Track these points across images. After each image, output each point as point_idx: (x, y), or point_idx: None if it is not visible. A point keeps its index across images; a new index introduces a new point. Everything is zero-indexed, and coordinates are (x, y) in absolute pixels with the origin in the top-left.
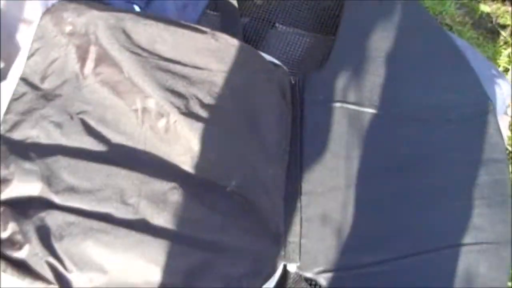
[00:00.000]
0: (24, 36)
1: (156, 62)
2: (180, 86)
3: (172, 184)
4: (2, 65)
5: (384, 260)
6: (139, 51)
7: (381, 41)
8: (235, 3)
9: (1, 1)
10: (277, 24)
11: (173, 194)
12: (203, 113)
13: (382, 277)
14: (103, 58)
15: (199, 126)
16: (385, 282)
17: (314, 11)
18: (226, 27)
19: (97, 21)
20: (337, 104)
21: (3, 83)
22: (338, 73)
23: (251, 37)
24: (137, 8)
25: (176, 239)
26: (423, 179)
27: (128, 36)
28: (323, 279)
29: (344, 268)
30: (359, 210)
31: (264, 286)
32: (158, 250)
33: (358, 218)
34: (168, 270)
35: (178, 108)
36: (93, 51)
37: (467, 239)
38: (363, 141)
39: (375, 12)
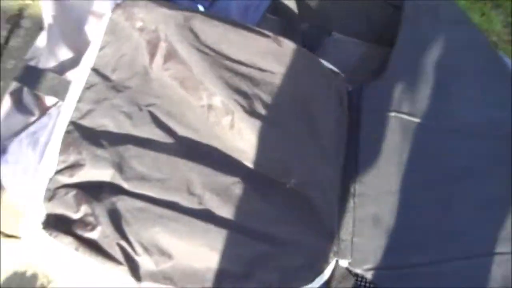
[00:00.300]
0: (93, 28)
1: (222, 62)
2: (245, 86)
3: (235, 179)
4: (71, 55)
5: (430, 262)
6: (206, 50)
7: (435, 56)
8: (294, 8)
9: None
10: (333, 32)
11: (236, 188)
12: (266, 113)
13: (427, 278)
14: (172, 54)
15: (262, 125)
16: (430, 282)
17: (369, 22)
18: (286, 32)
19: (166, 19)
20: (392, 114)
21: (74, 71)
22: (394, 84)
23: (309, 43)
24: (201, 8)
25: (238, 230)
26: (469, 189)
27: (196, 35)
28: (371, 276)
29: (392, 267)
30: (408, 213)
31: (316, 279)
32: (221, 239)
33: (407, 221)
34: (229, 258)
35: (242, 106)
36: (162, 47)
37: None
38: (414, 150)
39: (431, 27)
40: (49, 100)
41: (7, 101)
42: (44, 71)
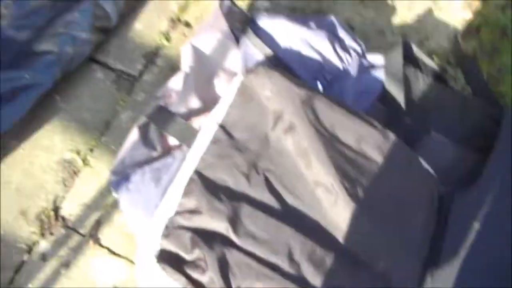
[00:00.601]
0: (222, 83)
1: (334, 144)
2: (351, 171)
3: (330, 253)
4: (199, 104)
5: None
6: (322, 130)
7: None
8: (402, 101)
9: (208, 46)
10: (432, 131)
11: (330, 261)
12: (364, 199)
13: None
14: (292, 127)
15: (360, 209)
16: None
17: (465, 126)
18: (391, 123)
19: (292, 94)
20: (477, 224)
21: (198, 119)
22: (485, 196)
23: (410, 138)
24: (320, 86)
25: None
26: None
27: (315, 115)
28: None
29: None
30: None
31: None
32: None
33: None
34: None
35: (346, 189)
36: (285, 119)
37: None
38: (489, 259)
39: None
40: (172, 140)
41: (135, 132)
42: (174, 115)
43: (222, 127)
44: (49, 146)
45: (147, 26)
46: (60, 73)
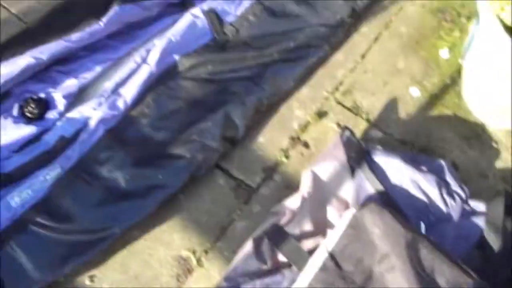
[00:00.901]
0: (333, 210)
1: None
2: None
3: None
4: (311, 227)
5: None
6: (422, 273)
7: None
8: (498, 251)
9: (326, 173)
10: None
11: None
12: None
13: None
14: (395, 266)
15: None
16: None
17: None
18: (485, 271)
19: (399, 236)
20: None
21: (308, 242)
22: None
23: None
24: (423, 226)
25: None
26: None
27: (418, 258)
28: None
29: None
30: None
31: None
32: None
33: None
34: None
35: None
36: (389, 259)
37: None
38: None
39: None
40: (281, 256)
41: (249, 244)
42: (289, 236)
43: (331, 255)
44: (169, 241)
45: (269, 141)
46: (188, 178)
